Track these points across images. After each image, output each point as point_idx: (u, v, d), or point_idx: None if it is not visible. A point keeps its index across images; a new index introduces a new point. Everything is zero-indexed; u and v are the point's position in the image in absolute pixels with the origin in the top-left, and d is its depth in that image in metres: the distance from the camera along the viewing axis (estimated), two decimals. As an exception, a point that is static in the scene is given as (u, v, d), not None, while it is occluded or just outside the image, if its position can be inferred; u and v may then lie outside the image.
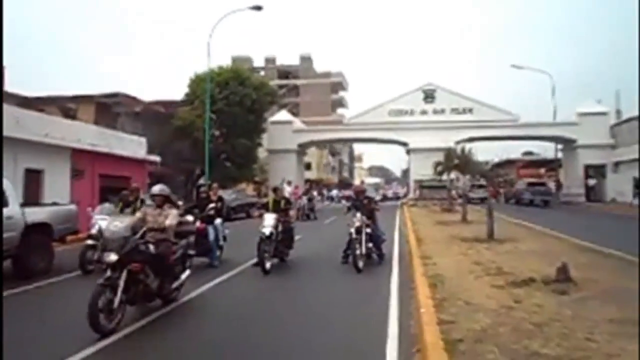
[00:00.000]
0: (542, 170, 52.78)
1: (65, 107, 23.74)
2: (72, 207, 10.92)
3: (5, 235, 8.34)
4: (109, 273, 5.45)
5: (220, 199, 10.72)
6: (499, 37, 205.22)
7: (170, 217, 6.45)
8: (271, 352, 4.94)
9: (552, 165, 44.10)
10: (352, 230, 9.39)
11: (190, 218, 10.00)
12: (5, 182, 8.79)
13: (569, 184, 40.47)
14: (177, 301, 6.77)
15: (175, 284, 6.61)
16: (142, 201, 10.85)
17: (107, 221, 9.97)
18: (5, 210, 8.42)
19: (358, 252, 9.07)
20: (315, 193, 43.90)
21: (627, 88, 68.56)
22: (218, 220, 10.25)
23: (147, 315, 6.15)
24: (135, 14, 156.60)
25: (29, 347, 5.14)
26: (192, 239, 8.70)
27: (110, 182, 19.88)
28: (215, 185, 13.00)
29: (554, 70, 74.45)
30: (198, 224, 9.56)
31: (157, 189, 6.89)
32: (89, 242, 9.59)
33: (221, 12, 25.39)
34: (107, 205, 10.95)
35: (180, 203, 11.58)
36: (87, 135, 19.06)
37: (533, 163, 57.39)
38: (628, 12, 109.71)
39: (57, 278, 8.96)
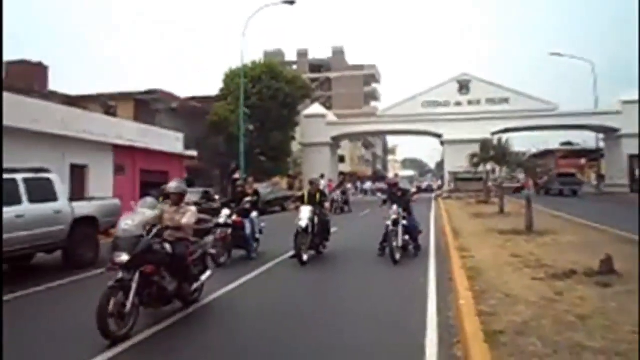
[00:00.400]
0: (583, 161, 51.23)
1: (106, 104, 24.49)
2: (116, 201, 11.32)
3: (55, 228, 8.78)
4: (120, 274, 5.10)
5: (256, 192, 10.87)
6: (537, 24, 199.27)
7: (188, 215, 6.04)
8: (311, 344, 5.01)
9: (593, 155, 42.70)
10: (389, 222, 9.41)
11: (207, 216, 10.32)
12: (54, 177, 9.21)
13: (611, 174, 39.09)
14: (199, 302, 6.39)
15: (195, 285, 6.22)
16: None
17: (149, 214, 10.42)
18: (55, 205, 8.85)
19: (395, 244, 9.11)
20: (349, 186, 44.00)
21: (674, 74, 65.23)
22: (254, 214, 10.35)
23: (172, 316, 5.82)
24: (170, 12, 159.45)
25: (51, 343, 5.15)
26: (211, 237, 8.99)
27: (150, 177, 20.47)
28: (250, 179, 13.14)
29: (595, 57, 71.89)
30: (235, 217, 9.73)
31: (173, 186, 6.48)
32: None
33: (254, 6, 25.70)
34: (149, 199, 11.29)
35: (217, 197, 11.83)
36: (127, 131, 19.66)
37: (573, 153, 55.72)
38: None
39: (103, 269, 9.28)
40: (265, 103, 32.07)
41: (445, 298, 6.44)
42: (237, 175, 30.90)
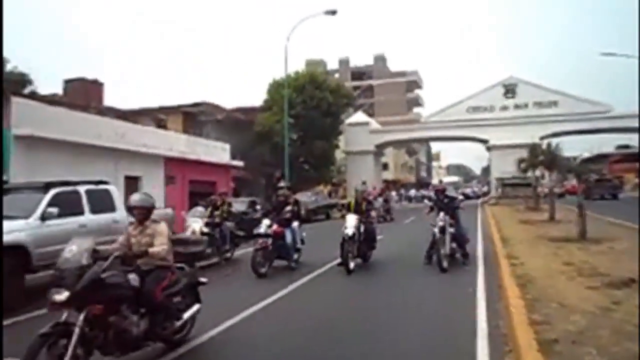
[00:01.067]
0: (638, 165, 48.79)
1: (156, 117, 25.47)
2: (169, 210, 11.82)
3: (113, 237, 9.16)
4: (63, 317, 3.98)
5: (296, 202, 10.95)
6: (584, 22, 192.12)
7: (158, 241, 4.78)
8: (361, 352, 5.04)
9: (651, 159, 40.71)
10: (436, 230, 9.30)
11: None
12: (112, 188, 9.72)
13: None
14: (187, 342, 5.19)
15: (178, 323, 5.01)
16: (230, 204, 11.54)
17: (198, 223, 10.75)
18: (114, 215, 9.32)
19: (442, 251, 9.00)
20: (393, 193, 43.68)
21: None
22: (295, 223, 10.25)
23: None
24: (213, 25, 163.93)
25: None
26: (199, 263, 9.21)
27: (198, 187, 21.14)
28: (288, 191, 13.43)
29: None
30: (275, 227, 9.59)
31: (135, 198, 5.11)
32: None
33: (296, 17, 26.15)
34: (199, 208, 11.73)
35: (258, 207, 12.06)
36: (177, 143, 20.41)
37: (628, 157, 53.12)
38: None
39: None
40: (309, 112, 32.48)
41: (495, 306, 6.36)
42: (282, 184, 31.33)
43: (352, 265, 9.28)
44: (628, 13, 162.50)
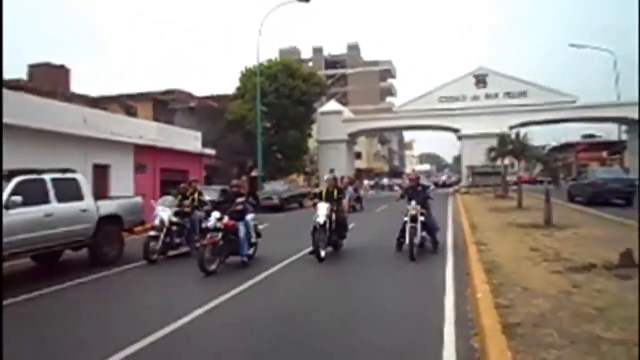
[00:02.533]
0: (605, 154, 50.34)
1: (126, 105, 24.92)
2: (139, 199, 11.59)
3: (81, 226, 9.06)
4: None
5: (252, 193, 10.71)
6: (554, 14, 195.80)
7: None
8: (328, 337, 5.12)
9: (615, 148, 41.97)
10: (407, 218, 9.36)
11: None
12: (79, 177, 9.49)
13: (635, 166, 38.41)
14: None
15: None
16: (201, 193, 11.36)
17: (167, 213, 10.51)
18: (81, 204, 9.13)
19: (414, 240, 9.09)
20: (366, 182, 43.89)
21: (699, 63, 63.60)
22: (250, 216, 9.58)
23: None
24: (184, 11, 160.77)
25: (85, 336, 5.39)
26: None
27: (170, 175, 20.84)
28: (244, 178, 12.97)
29: (616, 47, 70.52)
30: (226, 220, 8.78)
31: None
32: (152, 233, 10.15)
33: (270, 5, 25.87)
34: (168, 197, 11.50)
35: (208, 198, 11.51)
36: (148, 131, 20.02)
37: (594, 146, 54.74)
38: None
39: (127, 266, 9.61)
40: (282, 101, 32.26)
41: (463, 293, 6.50)
42: (254, 173, 31.21)
43: (323, 253, 9.31)
44: (596, 5, 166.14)
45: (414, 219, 9.28)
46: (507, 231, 11.63)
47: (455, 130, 42.24)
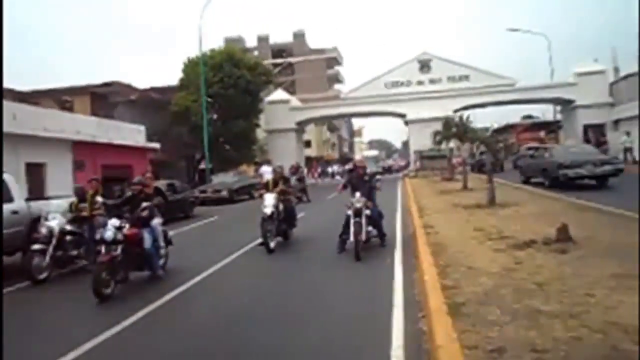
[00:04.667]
0: (542, 133, 52.59)
1: (60, 99, 23.69)
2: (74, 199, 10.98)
3: (12, 230, 8.49)
4: None
5: (160, 192, 9.06)
6: (493, 0, 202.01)
7: None
8: (277, 327, 5.07)
9: (552, 127, 43.93)
10: (350, 212, 8.37)
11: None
12: (8, 177, 8.90)
13: (570, 144, 40.41)
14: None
15: None
16: (103, 195, 9.35)
17: (57, 221, 8.43)
18: (10, 206, 8.56)
19: (359, 237, 8.07)
20: (319, 170, 43.86)
21: (624, 45, 67.66)
22: (155, 221, 7.87)
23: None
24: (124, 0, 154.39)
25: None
26: None
27: (112, 172, 20.05)
28: (148, 174, 10.83)
29: (549, 31, 73.69)
30: (127, 229, 7.08)
31: None
32: (36, 246, 8.06)
33: (210, -7, 25.18)
34: (55, 202, 9.64)
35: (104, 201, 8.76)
36: (86, 126, 19.13)
37: (533, 126, 57.05)
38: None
39: (65, 270, 8.96)
40: (227, 91, 31.62)
41: (412, 276, 6.57)
42: (202, 166, 30.55)
43: (272, 244, 9.20)
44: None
45: (357, 213, 8.35)
46: (452, 212, 11.90)
47: (402, 115, 42.84)
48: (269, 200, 9.49)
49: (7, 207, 8.47)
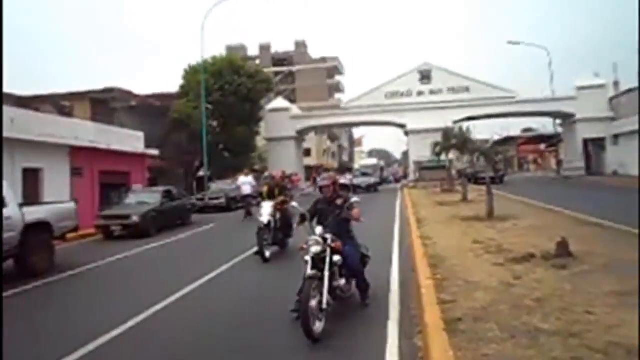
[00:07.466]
0: (543, 146, 52.63)
1: (60, 104, 23.62)
2: (72, 204, 10.91)
3: (5, 235, 8.35)
4: None
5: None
6: (494, 13, 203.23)
7: None
8: (273, 336, 4.95)
9: (552, 140, 43.98)
10: (307, 257, 5.21)
11: None
12: (2, 182, 8.76)
13: (570, 158, 40.41)
14: None
15: None
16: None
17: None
18: (4, 211, 8.42)
19: (311, 303, 4.67)
20: (319, 179, 43.69)
21: (624, 59, 67.91)
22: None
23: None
24: (126, 6, 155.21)
25: (26, 349, 5.11)
26: None
27: (110, 178, 19.95)
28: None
29: (550, 44, 74.04)
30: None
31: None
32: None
33: (214, 0, 25.26)
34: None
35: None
36: (84, 132, 19.00)
37: (533, 139, 57.13)
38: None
39: (59, 276, 8.95)
40: (228, 98, 31.62)
41: (409, 288, 6.44)
42: (201, 173, 30.42)
43: (268, 253, 9.09)
44: (534, 3, 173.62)
45: (316, 264, 5.13)
46: (451, 224, 11.80)
47: (402, 126, 42.87)
48: (266, 209, 9.40)
49: (-1, 213, 8.33)
